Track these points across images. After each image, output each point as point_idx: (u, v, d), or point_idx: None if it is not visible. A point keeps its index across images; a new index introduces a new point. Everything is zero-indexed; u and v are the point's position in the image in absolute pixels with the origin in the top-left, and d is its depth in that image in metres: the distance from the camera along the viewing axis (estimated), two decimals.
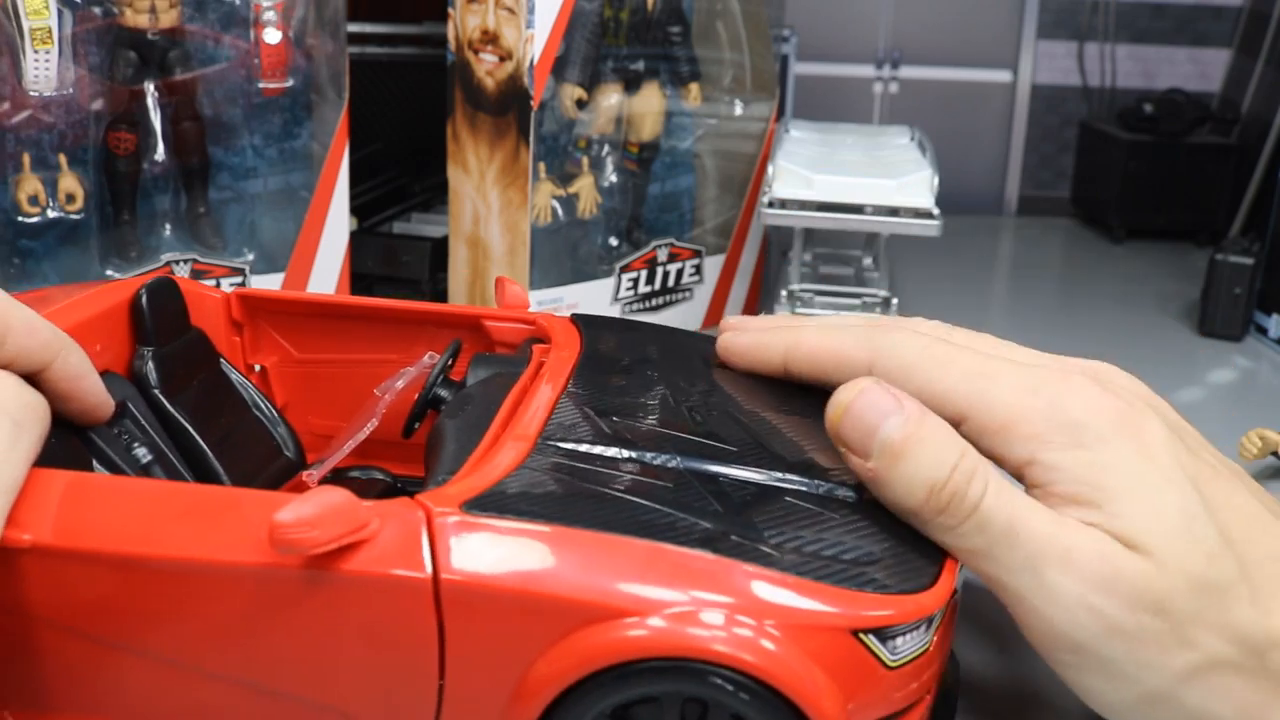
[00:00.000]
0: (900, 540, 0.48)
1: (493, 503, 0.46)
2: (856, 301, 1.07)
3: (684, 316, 1.09)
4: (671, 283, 1.08)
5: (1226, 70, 1.62)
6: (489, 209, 0.97)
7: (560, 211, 0.97)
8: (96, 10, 0.81)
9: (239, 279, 0.88)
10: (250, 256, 0.90)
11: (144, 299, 0.61)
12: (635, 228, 1.04)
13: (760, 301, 1.17)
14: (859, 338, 0.56)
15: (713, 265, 1.11)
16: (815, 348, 0.57)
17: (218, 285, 0.84)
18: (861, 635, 0.44)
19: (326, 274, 0.93)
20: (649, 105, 1.02)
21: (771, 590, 0.44)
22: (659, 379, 0.59)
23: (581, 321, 0.64)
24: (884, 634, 0.44)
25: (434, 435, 0.54)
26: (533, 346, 0.62)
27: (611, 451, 0.51)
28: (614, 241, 1.03)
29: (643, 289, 1.05)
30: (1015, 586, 0.48)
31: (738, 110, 1.10)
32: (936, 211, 0.99)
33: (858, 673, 0.44)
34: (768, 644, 0.43)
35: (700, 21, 1.04)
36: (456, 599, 0.44)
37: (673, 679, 0.43)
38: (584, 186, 0.99)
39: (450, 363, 0.62)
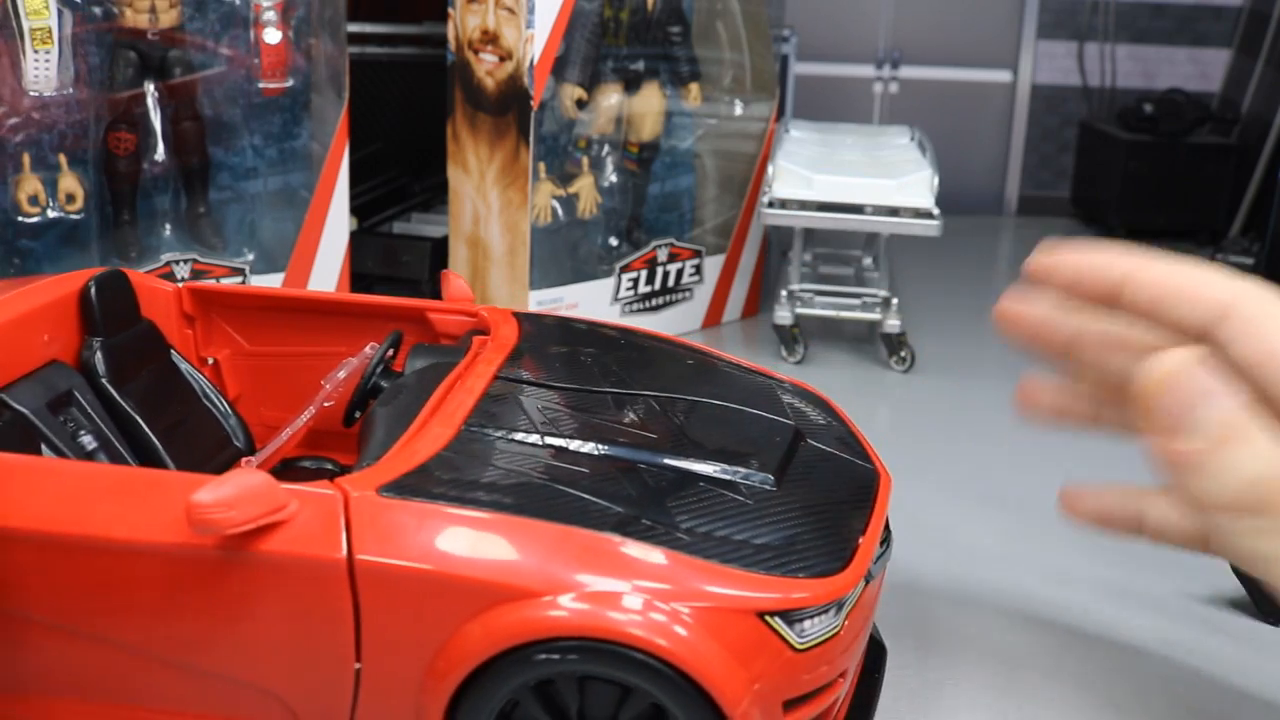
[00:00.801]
0: (814, 527, 0.49)
1: (409, 487, 0.47)
2: (856, 301, 1.07)
3: (684, 316, 1.09)
4: (671, 282, 1.08)
5: (1226, 70, 1.62)
6: (489, 209, 0.97)
7: (560, 211, 0.97)
8: (96, 10, 0.81)
9: (239, 279, 0.88)
10: (250, 256, 0.90)
11: (92, 290, 0.61)
12: (635, 228, 1.04)
13: (760, 301, 1.17)
14: (1221, 277, 0.52)
15: (713, 265, 1.11)
16: (1167, 274, 0.53)
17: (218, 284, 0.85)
18: (767, 618, 0.45)
19: (326, 274, 0.93)
20: (649, 105, 1.02)
21: (678, 573, 0.45)
22: (589, 372, 0.59)
23: (522, 316, 0.65)
24: (790, 616, 0.45)
25: (366, 423, 0.56)
26: (473, 338, 0.62)
27: (533, 438, 0.51)
28: (614, 241, 1.03)
29: (643, 289, 1.05)
30: None
31: (738, 110, 1.11)
32: (936, 211, 0.99)
33: (764, 654, 0.45)
34: (673, 625, 0.44)
35: (700, 21, 1.04)
36: (371, 580, 0.45)
37: (580, 659, 0.44)
38: (584, 186, 0.99)
39: (391, 353, 0.63)
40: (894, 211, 1.00)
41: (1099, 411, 0.58)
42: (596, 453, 0.51)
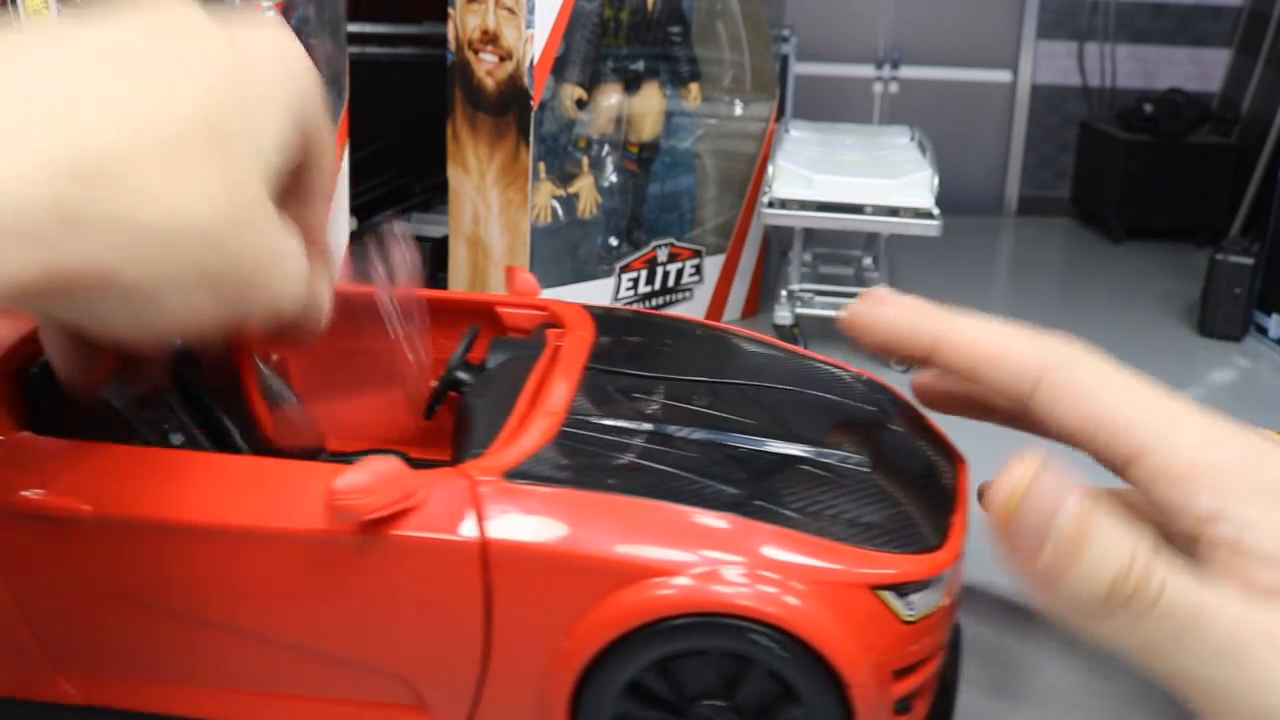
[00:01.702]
0: (911, 506, 0.51)
1: (531, 472, 0.48)
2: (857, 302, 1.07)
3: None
4: (671, 283, 1.08)
5: (1226, 70, 1.62)
6: (489, 209, 0.97)
7: (560, 211, 0.97)
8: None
9: None
10: None
11: None
12: (635, 228, 1.04)
13: (760, 301, 1.17)
14: (1029, 342, 0.50)
15: (713, 265, 1.11)
16: (976, 340, 0.51)
17: None
18: (880, 592, 0.47)
19: None
20: (649, 105, 1.02)
21: (795, 551, 0.47)
22: (672, 360, 0.61)
23: (593, 309, 0.66)
24: (901, 590, 0.47)
25: (461, 414, 0.57)
26: (546, 331, 0.64)
27: (635, 425, 0.53)
28: (614, 241, 1.03)
29: (643, 289, 1.05)
30: (1209, 678, 0.42)
31: (738, 110, 1.11)
32: (936, 211, 0.99)
33: (878, 627, 0.47)
34: (795, 600, 0.45)
35: (700, 21, 1.04)
36: (503, 562, 0.46)
37: (707, 635, 0.46)
38: (584, 186, 0.99)
39: (469, 347, 0.65)
40: (894, 211, 1.00)
41: (987, 403, 0.58)
42: (699, 438, 0.53)
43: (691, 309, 1.10)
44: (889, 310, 0.55)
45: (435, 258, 1.08)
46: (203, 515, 0.47)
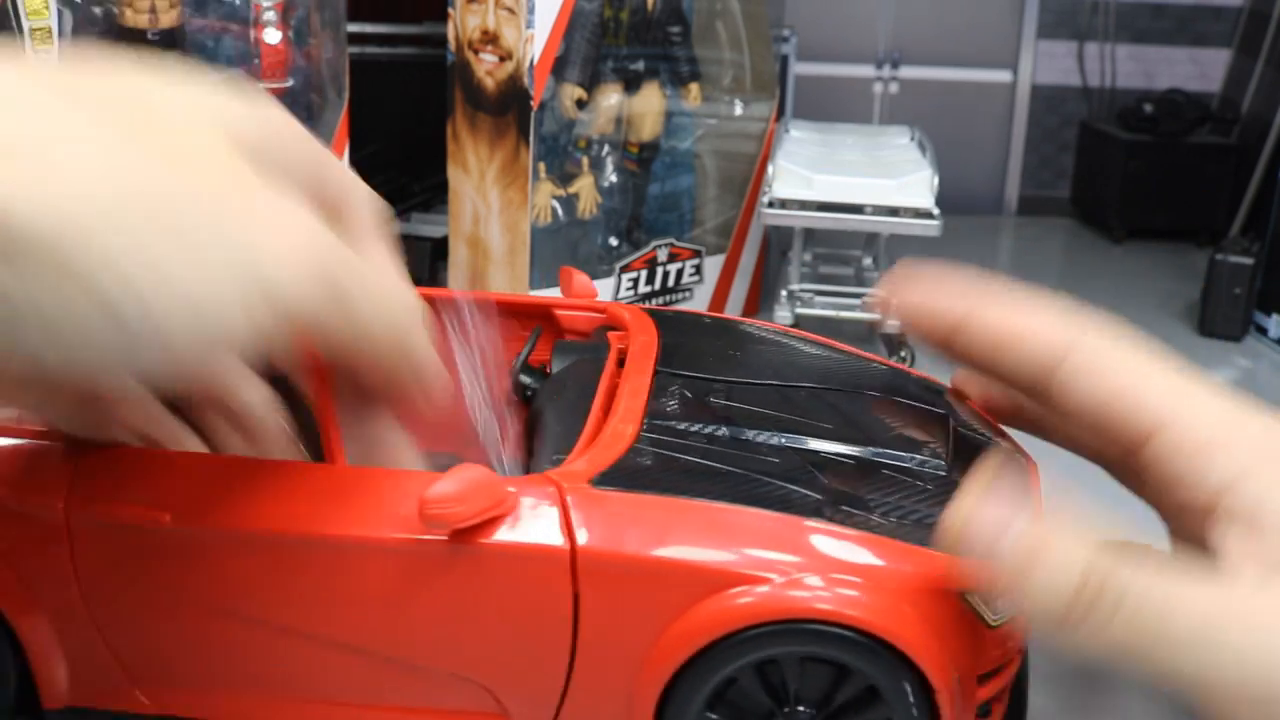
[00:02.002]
0: None
1: (615, 478, 0.48)
2: (856, 301, 1.07)
3: None
4: (671, 283, 1.08)
5: (1226, 70, 1.62)
6: (489, 209, 0.97)
7: (560, 211, 0.97)
8: (96, 10, 0.81)
9: None
10: None
11: None
12: (635, 228, 1.04)
13: (760, 301, 1.17)
14: (1054, 319, 0.50)
15: (713, 265, 1.11)
16: (1001, 319, 0.51)
17: None
18: (968, 596, 0.46)
19: None
20: (649, 105, 1.02)
21: (884, 555, 0.46)
22: (738, 363, 0.60)
23: (652, 312, 0.66)
24: (986, 594, 0.47)
25: (535, 419, 0.56)
26: (606, 334, 0.63)
27: (713, 430, 0.52)
28: (614, 241, 1.03)
29: (643, 289, 1.05)
30: (1192, 672, 0.41)
31: (738, 110, 1.11)
32: (936, 211, 0.99)
33: (965, 631, 0.47)
34: (884, 605, 0.45)
35: (700, 21, 1.04)
36: (592, 570, 0.46)
37: (794, 641, 0.46)
38: (584, 186, 0.99)
39: (531, 350, 0.64)
40: (894, 211, 1.00)
41: (1020, 407, 0.58)
42: (778, 443, 0.52)
43: (691, 309, 1.10)
44: (916, 290, 0.55)
45: (435, 258, 1.08)
46: (286, 525, 0.47)
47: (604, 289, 1.02)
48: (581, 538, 0.46)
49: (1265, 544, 0.42)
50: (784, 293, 1.07)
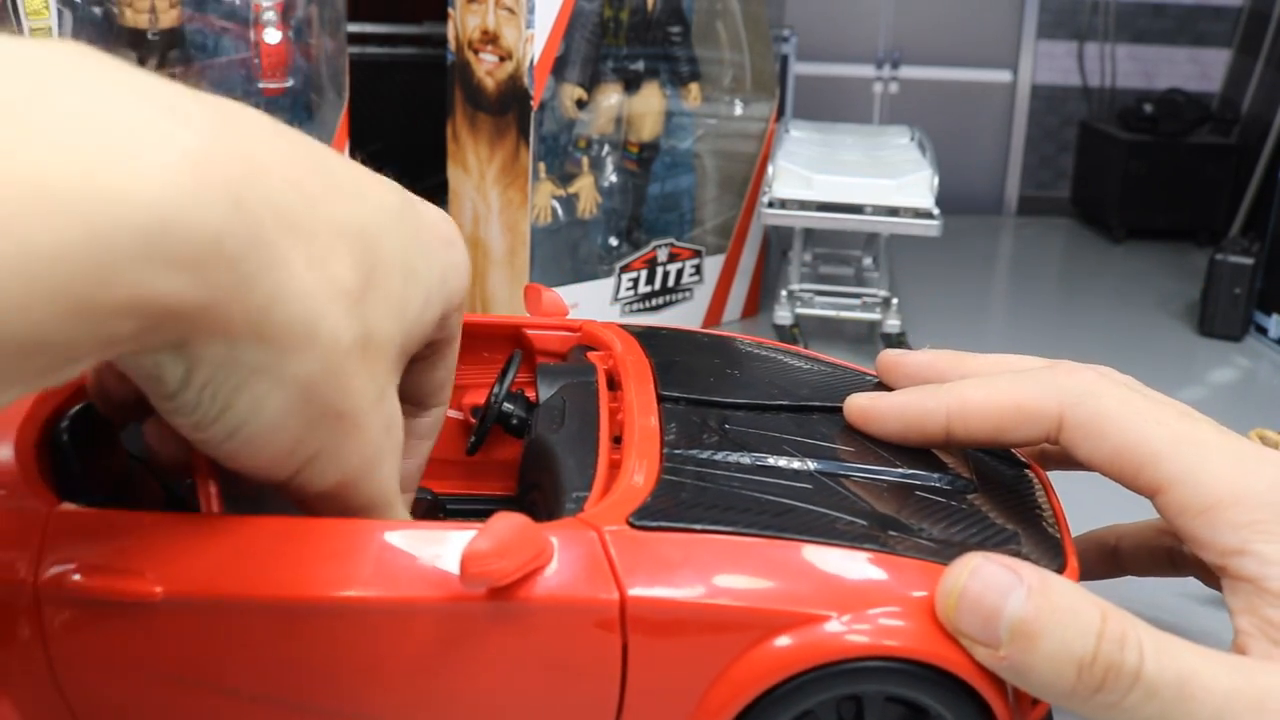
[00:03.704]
0: (1024, 527, 0.49)
1: (654, 515, 0.44)
2: (856, 301, 1.07)
3: (684, 316, 1.09)
4: (671, 283, 1.08)
5: (1226, 70, 1.62)
6: (489, 209, 0.97)
7: (560, 211, 0.97)
8: (96, 10, 0.81)
9: None
10: None
11: None
12: (635, 228, 1.04)
13: (760, 301, 1.17)
14: (1042, 383, 0.49)
15: (713, 265, 1.11)
16: (987, 403, 0.50)
17: None
18: None
19: None
20: (649, 105, 1.02)
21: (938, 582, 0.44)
22: (741, 383, 0.57)
23: (633, 330, 0.62)
24: None
25: (537, 452, 0.52)
26: (585, 354, 0.59)
27: (737, 457, 0.49)
28: (614, 241, 1.03)
29: (643, 289, 1.05)
30: None
31: (738, 110, 1.10)
32: (936, 211, 0.99)
33: None
34: (947, 635, 0.43)
35: (700, 21, 1.04)
36: (643, 619, 0.42)
37: (860, 679, 0.43)
38: (584, 186, 0.99)
39: (513, 376, 0.60)
40: (894, 211, 1.00)
41: (1043, 452, 0.57)
42: (806, 468, 0.49)
43: (691, 309, 1.10)
44: (886, 403, 0.53)
45: None
46: (297, 590, 0.41)
47: (604, 289, 1.02)
48: (630, 585, 0.42)
49: (1270, 611, 0.42)
50: (784, 293, 1.07)
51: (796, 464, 0.50)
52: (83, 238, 0.30)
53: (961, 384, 0.51)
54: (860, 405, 0.53)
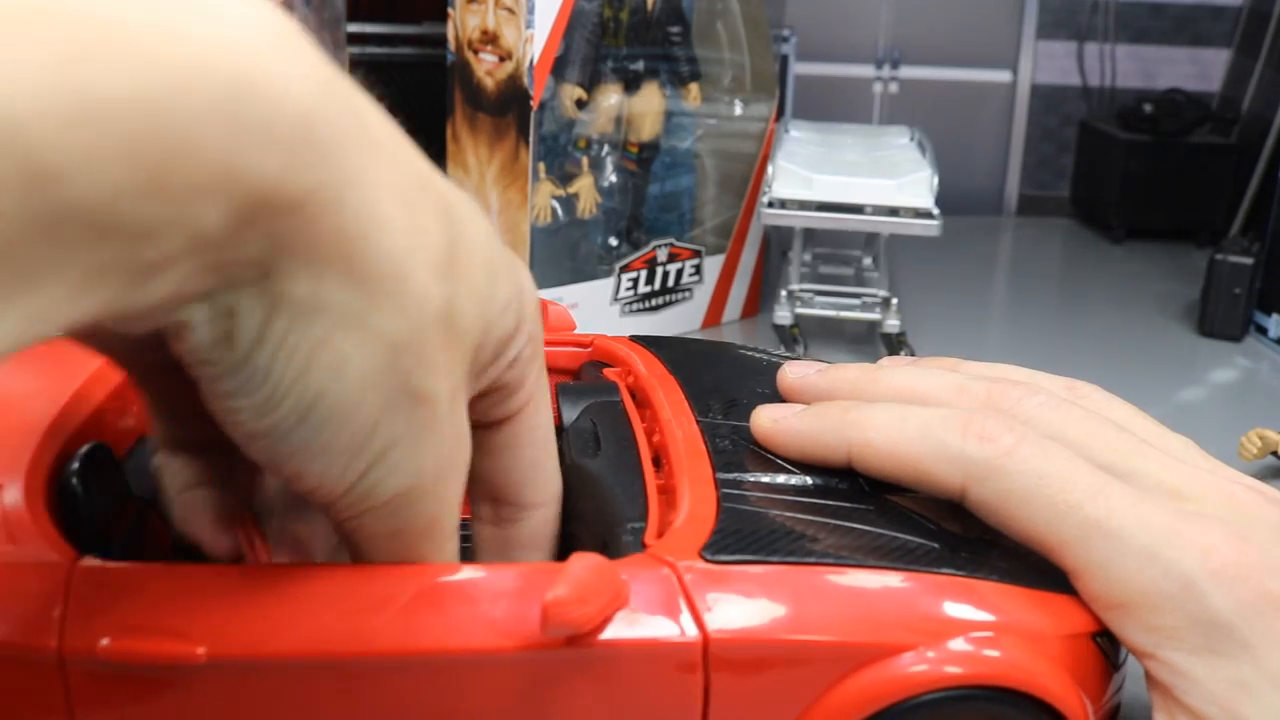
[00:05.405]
0: None
1: (727, 546, 0.43)
2: (856, 301, 1.07)
3: (684, 316, 1.09)
4: (671, 283, 1.08)
5: (1226, 70, 1.62)
6: (489, 209, 0.97)
7: (560, 211, 0.97)
8: None
9: None
10: None
11: None
12: (635, 228, 1.04)
13: (760, 301, 1.17)
14: (949, 450, 0.46)
15: (712, 265, 1.11)
16: (891, 453, 0.47)
17: None
18: (1098, 639, 0.44)
19: None
20: (649, 105, 1.02)
21: (1019, 605, 0.43)
22: (767, 399, 0.54)
23: (647, 343, 0.59)
24: (1110, 635, 0.44)
25: (577, 481, 0.49)
26: (600, 370, 0.57)
27: (789, 479, 0.48)
28: (614, 241, 1.03)
29: (642, 289, 1.05)
30: None
31: (738, 110, 1.11)
32: (936, 211, 0.99)
33: (1097, 675, 0.44)
34: (1036, 659, 0.42)
35: (700, 21, 1.04)
36: (726, 658, 0.40)
37: (947, 709, 0.42)
38: (584, 186, 0.99)
39: None
40: (894, 211, 1.00)
41: None
42: (859, 486, 0.48)
43: (691, 309, 1.10)
44: (787, 427, 0.50)
45: None
46: (358, 644, 0.38)
47: (604, 289, 1.02)
48: (712, 624, 0.40)
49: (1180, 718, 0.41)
50: (784, 293, 1.07)
51: (847, 483, 0.48)
52: (161, 85, 0.25)
53: (871, 417, 0.48)
54: (764, 429, 0.51)
